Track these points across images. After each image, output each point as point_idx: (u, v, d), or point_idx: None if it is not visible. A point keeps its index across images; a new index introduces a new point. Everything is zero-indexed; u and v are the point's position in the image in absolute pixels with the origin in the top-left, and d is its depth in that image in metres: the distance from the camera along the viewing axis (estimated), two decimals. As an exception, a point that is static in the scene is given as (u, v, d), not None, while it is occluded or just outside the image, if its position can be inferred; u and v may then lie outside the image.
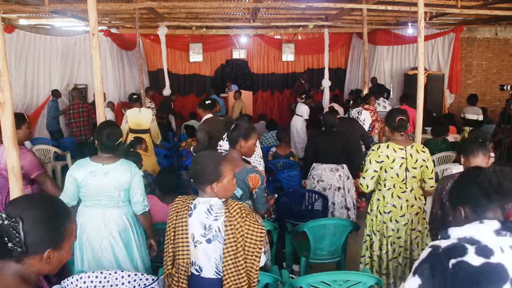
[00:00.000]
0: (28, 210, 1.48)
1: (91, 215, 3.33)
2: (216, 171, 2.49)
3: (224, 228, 2.45)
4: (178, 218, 2.52)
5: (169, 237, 2.57)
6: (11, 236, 1.43)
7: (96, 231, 3.30)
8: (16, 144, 3.11)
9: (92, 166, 3.27)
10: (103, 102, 4.57)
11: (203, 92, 14.27)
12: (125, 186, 3.27)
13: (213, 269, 2.49)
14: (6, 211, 1.47)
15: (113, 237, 3.31)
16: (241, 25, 12.35)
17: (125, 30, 12.77)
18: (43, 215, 1.51)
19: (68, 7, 8.67)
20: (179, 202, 2.58)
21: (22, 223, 1.44)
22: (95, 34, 4.31)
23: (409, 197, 3.70)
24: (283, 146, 7.02)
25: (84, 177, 3.24)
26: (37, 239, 1.48)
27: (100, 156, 3.33)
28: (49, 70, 11.36)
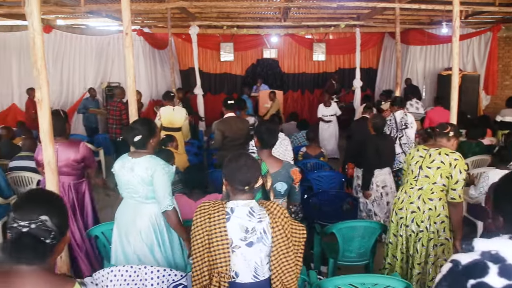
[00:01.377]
0: (47, 205, 1.62)
1: (124, 208, 3.42)
2: (258, 174, 2.50)
3: (270, 229, 2.41)
4: (212, 224, 2.41)
5: (201, 244, 2.43)
6: (45, 234, 1.55)
7: (127, 224, 3.37)
8: (53, 140, 3.20)
9: (125, 159, 3.34)
10: (135, 100, 4.65)
11: (233, 91, 14.34)
12: (146, 181, 3.26)
13: (252, 273, 2.43)
14: (19, 217, 1.56)
15: (140, 232, 3.35)
16: (272, 24, 12.34)
17: (158, 30, 12.94)
18: (58, 204, 1.68)
19: (103, 8, 8.84)
20: (208, 207, 2.48)
21: (50, 219, 1.57)
22: (128, 34, 4.39)
23: (412, 193, 3.74)
24: (313, 146, 6.99)
25: (118, 170, 3.35)
26: (62, 226, 1.63)
27: (135, 151, 3.38)
28: (84, 68, 11.65)
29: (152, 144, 3.36)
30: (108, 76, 12.01)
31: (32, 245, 1.51)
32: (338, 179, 5.85)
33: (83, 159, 4.20)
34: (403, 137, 6.36)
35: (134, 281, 2.83)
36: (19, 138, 7.34)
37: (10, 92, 11.75)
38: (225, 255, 2.40)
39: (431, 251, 3.70)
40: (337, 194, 5.39)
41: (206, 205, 2.49)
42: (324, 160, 6.79)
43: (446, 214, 3.65)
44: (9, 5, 9.02)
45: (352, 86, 12.27)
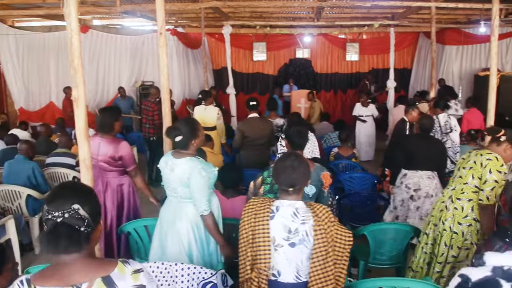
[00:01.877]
0: (77, 194, 1.68)
1: (167, 206, 3.46)
2: (308, 175, 2.50)
3: (313, 232, 2.40)
4: (257, 220, 2.45)
5: (246, 239, 2.51)
6: (79, 223, 1.61)
7: (168, 222, 3.40)
8: (88, 137, 3.27)
9: (168, 158, 3.36)
10: (169, 98, 4.72)
11: (266, 91, 14.37)
12: (184, 183, 3.25)
13: (293, 273, 2.43)
14: (53, 209, 1.62)
15: (178, 230, 3.37)
16: (305, 24, 12.29)
17: (191, 29, 13.07)
18: (87, 193, 1.74)
19: (138, 8, 8.99)
20: (256, 204, 2.52)
21: (81, 207, 1.64)
22: (162, 33, 4.46)
23: (446, 193, 3.73)
24: (345, 147, 6.93)
25: (162, 167, 3.38)
26: (94, 213, 1.69)
27: (177, 150, 3.38)
28: (118, 67, 11.89)
29: (194, 145, 3.32)
30: (142, 75, 12.21)
31: (68, 234, 1.56)
32: (370, 181, 5.78)
33: (120, 157, 4.27)
34: (447, 141, 6.22)
35: (165, 277, 2.87)
36: (56, 135, 7.54)
37: (48, 91, 12.09)
38: (266, 252, 2.43)
39: (453, 252, 3.62)
40: (369, 196, 5.33)
41: (255, 201, 2.55)
42: (356, 161, 6.73)
43: (475, 217, 3.55)
44: (49, 6, 9.26)
45: (385, 87, 12.09)
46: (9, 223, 4.78)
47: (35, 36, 11.88)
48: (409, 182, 4.92)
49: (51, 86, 12.06)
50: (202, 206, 3.22)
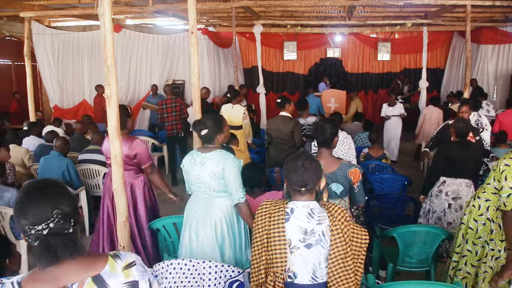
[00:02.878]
0: (54, 198, 1.55)
1: (195, 203, 3.45)
2: (320, 175, 2.49)
3: (329, 232, 2.39)
4: (272, 223, 2.42)
5: (261, 243, 2.47)
6: (66, 225, 1.55)
7: (198, 218, 3.40)
8: (119, 135, 3.32)
9: (195, 154, 3.39)
10: (199, 97, 4.76)
11: (296, 90, 14.36)
12: (218, 175, 3.28)
13: (310, 275, 2.42)
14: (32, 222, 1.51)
15: (212, 225, 3.39)
16: (336, 23, 12.21)
17: (222, 28, 13.14)
18: (59, 191, 1.60)
19: (170, 7, 9.11)
20: (269, 206, 2.49)
21: (62, 210, 1.54)
22: (193, 32, 4.49)
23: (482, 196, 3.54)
24: (376, 147, 6.86)
25: (187, 165, 3.39)
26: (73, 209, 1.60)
27: (204, 146, 3.41)
28: (150, 66, 12.06)
29: (219, 139, 3.37)
30: (173, 73, 12.36)
31: (62, 243, 1.49)
32: (400, 182, 5.70)
33: (135, 155, 4.29)
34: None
35: (192, 274, 2.90)
36: (89, 132, 7.69)
37: (81, 89, 12.37)
38: (282, 255, 2.40)
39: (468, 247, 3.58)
40: (398, 197, 5.25)
41: (268, 204, 2.51)
42: (387, 162, 6.64)
43: (490, 217, 3.45)
44: (83, 6, 9.49)
45: (417, 87, 11.90)
46: (43, 217, 4.90)
47: (70, 36, 12.18)
48: (448, 190, 4.72)
49: (84, 84, 12.34)
50: (239, 194, 3.27)
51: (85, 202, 5.85)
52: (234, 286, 2.85)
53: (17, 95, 12.52)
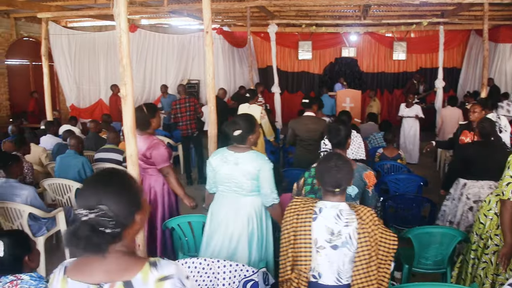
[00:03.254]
0: (104, 192, 1.51)
1: (223, 202, 3.45)
2: (352, 175, 2.49)
3: (356, 235, 2.37)
4: (299, 221, 2.43)
5: (287, 240, 2.50)
6: (105, 224, 1.48)
7: (227, 217, 3.41)
8: (135, 134, 3.34)
9: (226, 153, 3.38)
10: (214, 97, 4.77)
11: (311, 90, 14.32)
12: (253, 176, 3.31)
13: (334, 276, 2.41)
14: (80, 206, 1.50)
15: (242, 223, 3.40)
16: (351, 22, 12.16)
17: (237, 28, 13.16)
18: (119, 189, 1.55)
19: (185, 7, 9.15)
20: (299, 204, 2.50)
21: (108, 207, 1.49)
22: (208, 32, 4.51)
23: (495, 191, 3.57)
24: (391, 148, 6.81)
25: (217, 164, 3.38)
26: (126, 211, 1.54)
27: (235, 145, 3.42)
28: (165, 66, 12.14)
29: (251, 140, 3.40)
30: (188, 73, 12.41)
31: (88, 237, 1.45)
32: (416, 183, 5.65)
33: (151, 155, 4.19)
34: None
35: (207, 273, 2.91)
36: (104, 132, 7.76)
37: (98, 88, 12.49)
38: (307, 253, 2.41)
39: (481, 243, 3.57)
40: (414, 198, 5.20)
41: (298, 202, 2.52)
42: (402, 162, 6.59)
43: (497, 212, 3.43)
44: (99, 6, 9.58)
45: (433, 87, 11.79)
46: (60, 215, 4.97)
47: (86, 36, 12.30)
48: (469, 192, 4.57)
49: (100, 84, 12.46)
50: (273, 196, 3.33)
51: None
52: (248, 285, 2.85)
53: (35, 95, 12.68)
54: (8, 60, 12.25)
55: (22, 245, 2.40)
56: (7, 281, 2.29)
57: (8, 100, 12.17)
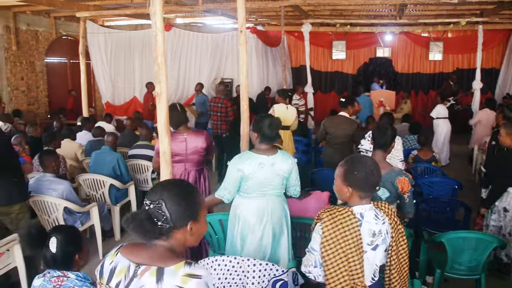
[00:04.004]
0: (167, 191, 1.71)
1: (254, 206, 3.42)
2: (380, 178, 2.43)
3: (390, 229, 2.41)
4: (347, 233, 2.30)
5: (337, 254, 2.30)
6: (159, 216, 1.67)
7: (259, 220, 3.41)
8: (169, 131, 3.38)
9: (258, 158, 3.35)
10: (247, 96, 4.78)
11: (344, 90, 14.20)
12: (286, 174, 3.40)
13: (371, 275, 2.39)
14: (148, 198, 1.71)
15: (274, 224, 3.43)
16: (386, 22, 11.98)
17: (271, 27, 13.16)
18: (181, 194, 1.73)
19: (219, 6, 9.20)
20: (337, 214, 2.34)
21: (165, 204, 1.67)
22: (242, 31, 4.52)
23: None
24: (425, 150, 6.69)
25: (253, 170, 3.31)
26: (180, 214, 1.70)
27: (259, 148, 3.41)
28: (199, 64, 12.23)
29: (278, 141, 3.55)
30: (221, 72, 12.47)
31: (140, 221, 1.64)
32: (450, 186, 5.53)
33: (208, 147, 4.44)
34: None
35: (236, 272, 2.92)
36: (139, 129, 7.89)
37: (132, 86, 12.70)
38: (361, 264, 2.32)
39: None
40: (448, 202, 5.10)
41: (333, 212, 2.36)
42: (436, 165, 6.47)
43: None
44: (135, 6, 9.74)
45: (471, 88, 11.50)
46: (93, 210, 5.08)
47: (122, 34, 12.53)
48: (503, 201, 4.43)
49: (135, 82, 12.66)
50: (299, 188, 3.57)
51: (134, 196, 6.00)
52: (277, 285, 2.85)
53: (73, 93, 13.01)
54: (48, 58, 12.59)
55: (74, 243, 2.43)
56: (54, 275, 2.34)
57: (46, 97, 12.52)
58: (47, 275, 2.36)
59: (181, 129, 4.36)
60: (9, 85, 11.08)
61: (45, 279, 2.35)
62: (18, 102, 11.43)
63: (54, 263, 2.37)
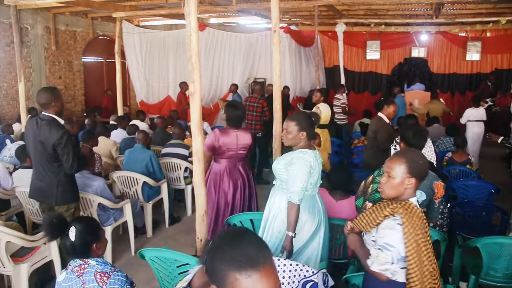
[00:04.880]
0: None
1: (312, 201, 3.45)
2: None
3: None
4: (422, 225, 2.33)
5: (417, 246, 2.31)
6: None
7: (311, 217, 3.42)
8: (201, 130, 3.42)
9: (313, 153, 3.36)
10: (280, 96, 4.79)
11: (378, 91, 14.02)
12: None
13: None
14: None
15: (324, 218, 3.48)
16: (422, 21, 11.78)
17: (304, 27, 13.12)
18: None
19: (253, 6, 9.22)
20: (409, 209, 2.35)
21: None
22: (276, 31, 4.53)
23: None
24: (460, 152, 6.53)
25: (315, 164, 3.35)
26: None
27: (303, 144, 3.40)
28: (232, 64, 12.27)
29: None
30: (254, 72, 12.48)
31: None
32: (486, 190, 5.39)
33: (251, 144, 4.73)
34: None
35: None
36: (170, 128, 7.98)
37: (166, 85, 12.87)
38: (433, 253, 2.36)
39: None
40: (484, 206, 4.96)
41: (406, 206, 2.37)
42: (472, 168, 6.31)
43: None
44: (170, 6, 9.85)
45: (510, 89, 11.16)
46: (127, 207, 5.17)
47: (156, 34, 12.71)
48: None
49: (169, 81, 12.82)
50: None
51: (166, 194, 6.07)
52: (308, 286, 2.84)
53: (109, 92, 13.28)
54: (85, 57, 12.89)
55: (92, 232, 2.53)
56: (76, 264, 2.46)
57: (83, 95, 12.82)
58: (69, 268, 2.47)
59: (235, 127, 4.58)
60: (47, 84, 11.40)
61: (68, 271, 2.46)
62: (56, 100, 11.71)
63: (73, 252, 2.48)
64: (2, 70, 10.24)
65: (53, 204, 4.11)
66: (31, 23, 10.86)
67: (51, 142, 3.85)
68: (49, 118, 3.93)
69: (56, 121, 3.95)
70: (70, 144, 3.90)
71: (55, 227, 2.48)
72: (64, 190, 4.07)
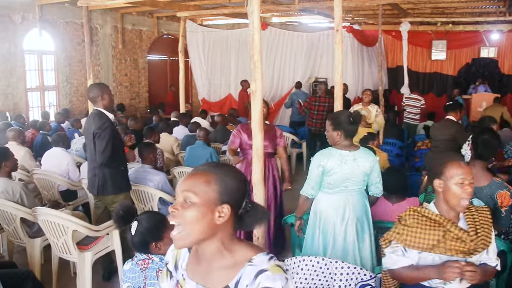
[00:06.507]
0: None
1: (333, 202, 3.42)
2: None
3: None
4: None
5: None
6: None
7: (341, 216, 3.40)
8: (262, 128, 3.43)
9: (340, 153, 3.34)
10: (342, 95, 4.74)
11: (443, 92, 13.51)
12: (368, 171, 3.36)
13: None
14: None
15: (356, 220, 3.41)
16: (493, 19, 11.24)
17: (367, 26, 12.88)
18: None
19: (315, 5, 9.16)
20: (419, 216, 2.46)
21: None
22: (339, 30, 4.48)
23: None
24: (531, 158, 6.18)
25: (334, 165, 3.32)
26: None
27: (340, 143, 3.37)
28: (294, 63, 12.23)
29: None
30: (316, 71, 12.39)
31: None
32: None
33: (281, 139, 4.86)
34: None
35: (323, 273, 2.89)
36: (230, 126, 8.08)
37: (228, 84, 13.03)
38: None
39: None
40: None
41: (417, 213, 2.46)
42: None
43: None
44: (233, 5, 9.97)
45: None
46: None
47: (219, 33, 12.90)
48: None
49: (230, 80, 12.97)
50: (381, 187, 3.52)
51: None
52: (364, 290, 2.79)
53: (173, 88, 13.64)
54: (149, 56, 13.30)
55: (153, 232, 2.50)
56: (141, 258, 2.51)
57: (147, 92, 13.24)
58: (134, 259, 2.53)
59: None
60: (114, 81, 11.88)
61: (133, 262, 2.51)
62: (122, 96, 12.21)
63: (132, 245, 2.52)
64: (73, 68, 10.77)
65: (95, 194, 4.32)
66: (101, 23, 11.35)
67: (91, 132, 4.04)
68: (97, 111, 4.12)
69: (101, 113, 4.11)
70: (108, 136, 4.02)
71: (121, 217, 2.50)
72: (105, 181, 4.20)
